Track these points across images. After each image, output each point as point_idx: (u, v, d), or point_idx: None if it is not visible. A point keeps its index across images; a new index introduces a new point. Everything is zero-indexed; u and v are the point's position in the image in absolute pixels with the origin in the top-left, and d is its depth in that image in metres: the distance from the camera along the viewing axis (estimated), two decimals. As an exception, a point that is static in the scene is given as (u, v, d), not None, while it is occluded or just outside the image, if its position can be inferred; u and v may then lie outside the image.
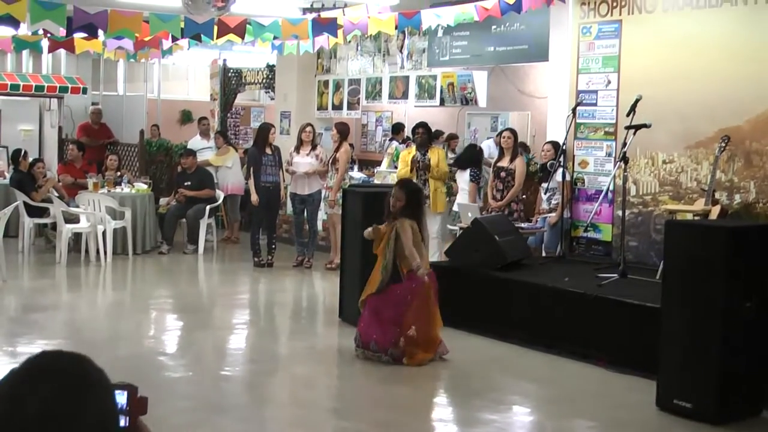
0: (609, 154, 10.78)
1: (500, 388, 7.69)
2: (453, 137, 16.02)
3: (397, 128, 16.42)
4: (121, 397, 2.23)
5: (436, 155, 11.92)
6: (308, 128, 13.14)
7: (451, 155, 14.06)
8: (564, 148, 10.53)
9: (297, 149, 13.05)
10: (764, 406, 6.78)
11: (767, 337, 6.72)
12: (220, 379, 7.77)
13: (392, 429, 6.60)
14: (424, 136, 12.03)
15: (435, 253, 11.75)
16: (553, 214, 10.99)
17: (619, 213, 9.89)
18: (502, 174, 11.42)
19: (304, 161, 12.92)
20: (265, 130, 13.27)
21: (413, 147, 12.20)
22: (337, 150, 13.04)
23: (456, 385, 7.85)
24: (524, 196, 11.87)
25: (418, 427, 6.77)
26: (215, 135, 15.99)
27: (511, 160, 11.42)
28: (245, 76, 17.93)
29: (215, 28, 10.20)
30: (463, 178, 12.22)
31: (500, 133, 12.03)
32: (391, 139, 16.09)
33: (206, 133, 16.11)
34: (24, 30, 11.50)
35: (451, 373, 8.11)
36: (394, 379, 7.72)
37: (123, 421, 2.23)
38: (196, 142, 16.01)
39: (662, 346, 6.90)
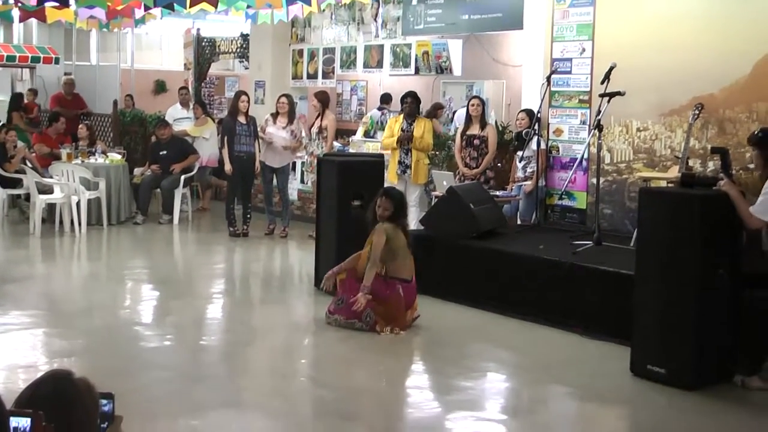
0: (583, 122, 10.80)
1: (475, 355, 7.72)
2: (439, 107, 16.03)
3: (386, 98, 16.45)
4: (26, 423, 2.33)
5: (422, 127, 11.85)
6: (282, 99, 13.11)
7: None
8: (539, 116, 10.54)
9: (274, 118, 13.02)
10: (737, 371, 6.84)
11: (739, 303, 6.78)
12: (196, 349, 7.77)
13: (369, 396, 6.63)
14: (413, 105, 11.99)
15: (413, 221, 11.76)
16: (529, 183, 11.01)
17: (594, 181, 9.93)
18: (476, 142, 11.40)
19: (279, 134, 12.88)
20: (235, 98, 13.23)
21: (401, 116, 12.17)
22: (318, 118, 13.04)
23: (432, 353, 7.88)
24: (499, 165, 11.88)
25: (394, 394, 6.80)
26: (194, 105, 15.90)
27: (482, 128, 11.42)
28: (219, 46, 17.82)
29: (188, -4, 10.13)
30: None
31: (469, 101, 12.04)
32: (380, 108, 16.11)
33: (186, 103, 16.02)
34: (-6, -1, 11.38)
35: (427, 340, 8.15)
36: (370, 347, 7.74)
37: None
38: (176, 110, 15.93)
39: (636, 312, 6.96)
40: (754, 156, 7.16)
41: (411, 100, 12.00)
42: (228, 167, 12.89)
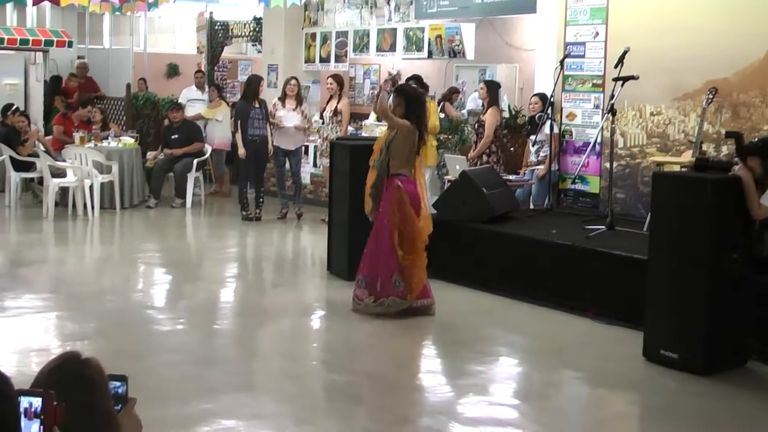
0: (597, 106, 10.76)
1: (488, 339, 7.73)
2: (455, 91, 15.98)
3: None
4: (37, 402, 2.31)
5: (427, 109, 11.84)
6: (293, 82, 13.10)
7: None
8: (552, 100, 10.51)
9: (282, 102, 13.01)
10: (749, 356, 6.83)
11: (752, 288, 6.76)
12: (208, 333, 7.78)
13: (381, 381, 6.63)
14: None
15: (424, 205, 11.75)
16: (541, 167, 10.98)
17: (607, 165, 9.89)
18: (476, 126, 11.41)
19: (290, 115, 12.88)
20: (255, 82, 13.18)
21: None
22: (331, 100, 13.04)
23: (443, 337, 7.88)
24: (512, 149, 11.85)
25: (406, 378, 6.80)
26: (210, 88, 15.93)
27: (485, 112, 11.40)
28: (232, 29, 17.79)
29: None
30: None
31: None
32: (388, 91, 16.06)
33: (201, 85, 16.04)
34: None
35: (439, 324, 8.15)
36: (382, 331, 7.74)
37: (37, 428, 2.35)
38: (191, 92, 15.96)
39: (649, 297, 6.94)
40: (755, 164, 6.97)
41: (413, 83, 11.98)
42: (242, 151, 12.88)
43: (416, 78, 12.09)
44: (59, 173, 13.27)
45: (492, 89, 11.70)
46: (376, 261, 8.10)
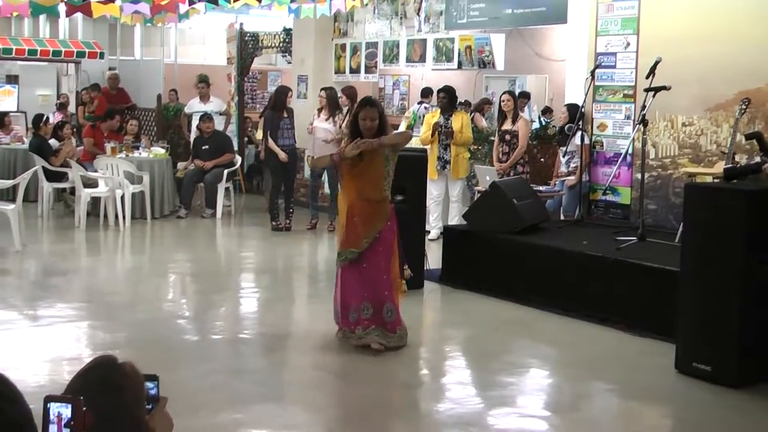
0: (628, 117, 10.72)
1: (518, 351, 7.70)
2: (486, 102, 15.98)
3: (426, 92, 16.40)
4: (66, 410, 2.33)
5: (460, 120, 11.87)
6: (321, 93, 13.18)
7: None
8: (582, 111, 10.47)
9: (319, 112, 13.10)
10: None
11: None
12: (238, 343, 7.79)
13: (410, 391, 6.63)
14: (445, 100, 11.98)
15: (455, 216, 11.75)
16: (572, 177, 10.95)
17: (638, 176, 9.85)
18: (507, 137, 11.41)
19: (322, 126, 12.92)
20: (283, 93, 13.26)
21: (437, 111, 12.18)
22: (349, 114, 13.07)
23: (473, 348, 7.85)
24: (542, 159, 11.82)
25: (436, 389, 6.78)
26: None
27: (514, 122, 11.40)
28: (262, 40, 17.85)
29: (232, -9, 10.15)
30: None
31: (500, 97, 12.04)
32: (419, 102, 16.04)
33: (205, 96, 16.02)
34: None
35: (469, 336, 8.13)
36: (412, 342, 7.70)
37: None
38: (194, 104, 15.98)
39: (681, 309, 6.89)
40: None
41: (444, 95, 12.01)
42: (282, 155, 12.89)
43: (445, 89, 12.10)
44: (91, 183, 13.36)
45: (516, 100, 11.73)
46: (390, 286, 7.39)
